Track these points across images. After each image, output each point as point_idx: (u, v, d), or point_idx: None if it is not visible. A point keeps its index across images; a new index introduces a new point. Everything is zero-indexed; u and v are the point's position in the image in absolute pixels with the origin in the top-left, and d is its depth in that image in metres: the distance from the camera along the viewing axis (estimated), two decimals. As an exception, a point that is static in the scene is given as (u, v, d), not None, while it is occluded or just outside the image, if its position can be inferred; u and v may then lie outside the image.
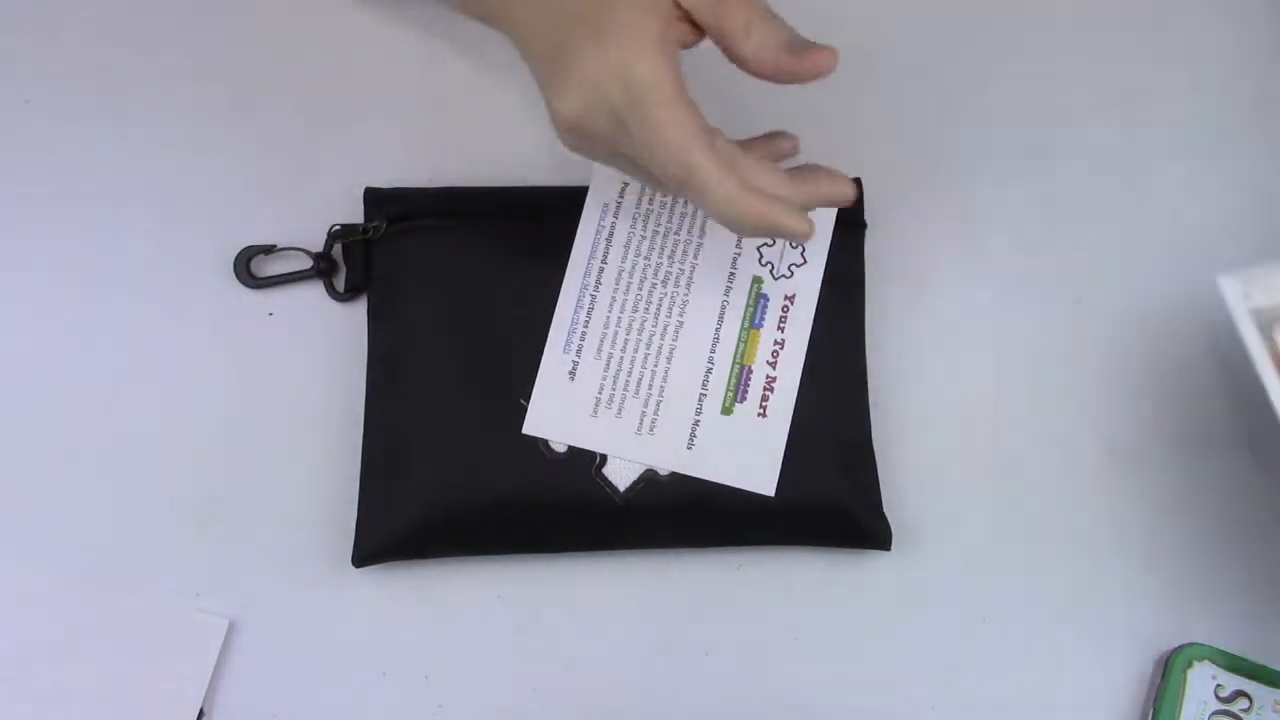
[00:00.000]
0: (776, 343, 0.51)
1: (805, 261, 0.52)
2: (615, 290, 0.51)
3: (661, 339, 0.51)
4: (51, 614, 0.51)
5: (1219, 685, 0.50)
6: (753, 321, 0.51)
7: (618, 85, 0.42)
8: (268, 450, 0.53)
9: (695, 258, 0.52)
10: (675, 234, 0.52)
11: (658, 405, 0.51)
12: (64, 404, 0.54)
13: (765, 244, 0.52)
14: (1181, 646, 0.51)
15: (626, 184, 0.52)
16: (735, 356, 0.51)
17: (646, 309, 0.51)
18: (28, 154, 0.57)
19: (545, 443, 0.50)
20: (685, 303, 0.51)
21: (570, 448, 0.50)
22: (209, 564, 0.52)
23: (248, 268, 0.55)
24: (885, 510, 0.52)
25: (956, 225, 0.57)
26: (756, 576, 0.53)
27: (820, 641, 0.52)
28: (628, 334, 0.51)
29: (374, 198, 0.54)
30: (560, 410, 0.50)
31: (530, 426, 0.50)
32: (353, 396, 0.53)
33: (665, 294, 0.52)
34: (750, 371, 0.51)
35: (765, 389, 0.51)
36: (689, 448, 0.50)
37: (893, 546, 0.52)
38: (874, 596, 0.53)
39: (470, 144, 0.58)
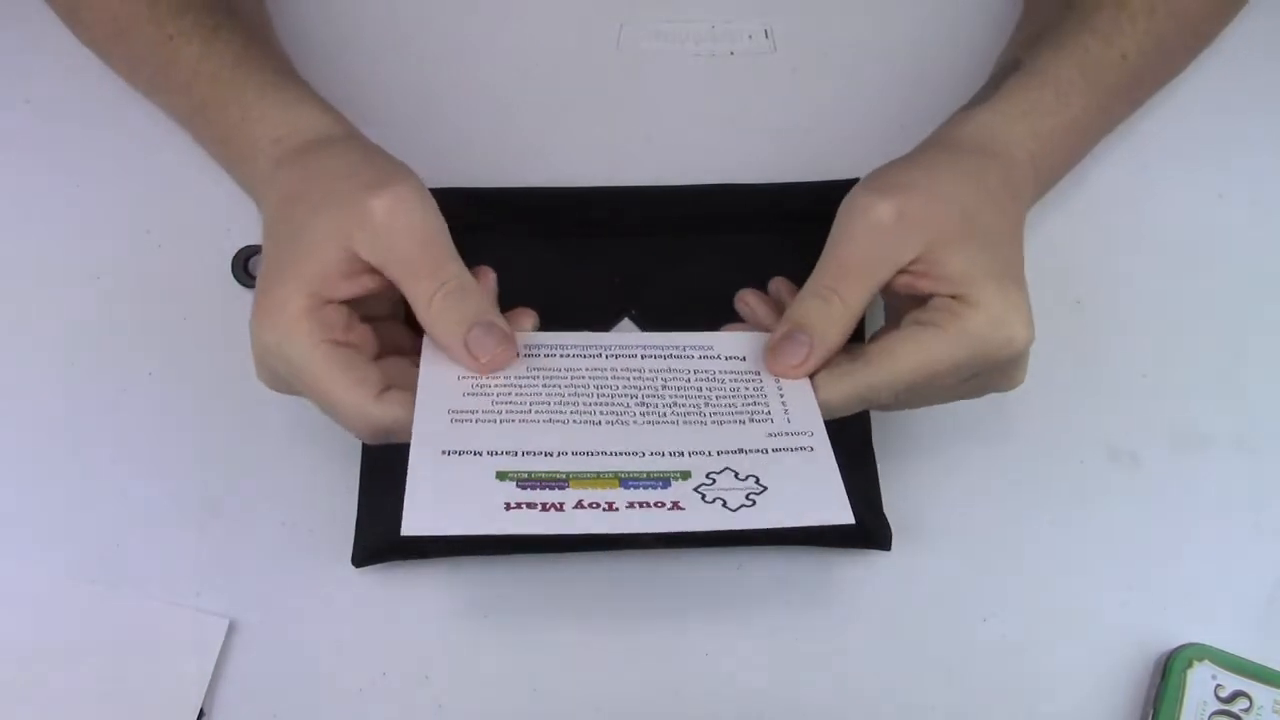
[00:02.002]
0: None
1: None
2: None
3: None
4: (51, 614, 0.51)
5: (1219, 685, 0.50)
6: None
7: (278, 359, 0.44)
8: (268, 450, 0.53)
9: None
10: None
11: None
12: (64, 403, 0.54)
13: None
14: (1181, 646, 0.51)
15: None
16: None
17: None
18: (28, 154, 0.57)
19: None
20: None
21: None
22: (209, 564, 0.52)
23: (245, 267, 0.55)
24: (885, 510, 0.52)
25: (956, 225, 0.57)
26: (756, 576, 0.53)
27: (820, 641, 0.52)
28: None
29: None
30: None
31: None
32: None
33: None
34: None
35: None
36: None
37: (893, 546, 0.52)
38: (874, 596, 0.53)
39: (470, 146, 0.58)
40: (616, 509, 0.41)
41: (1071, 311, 0.56)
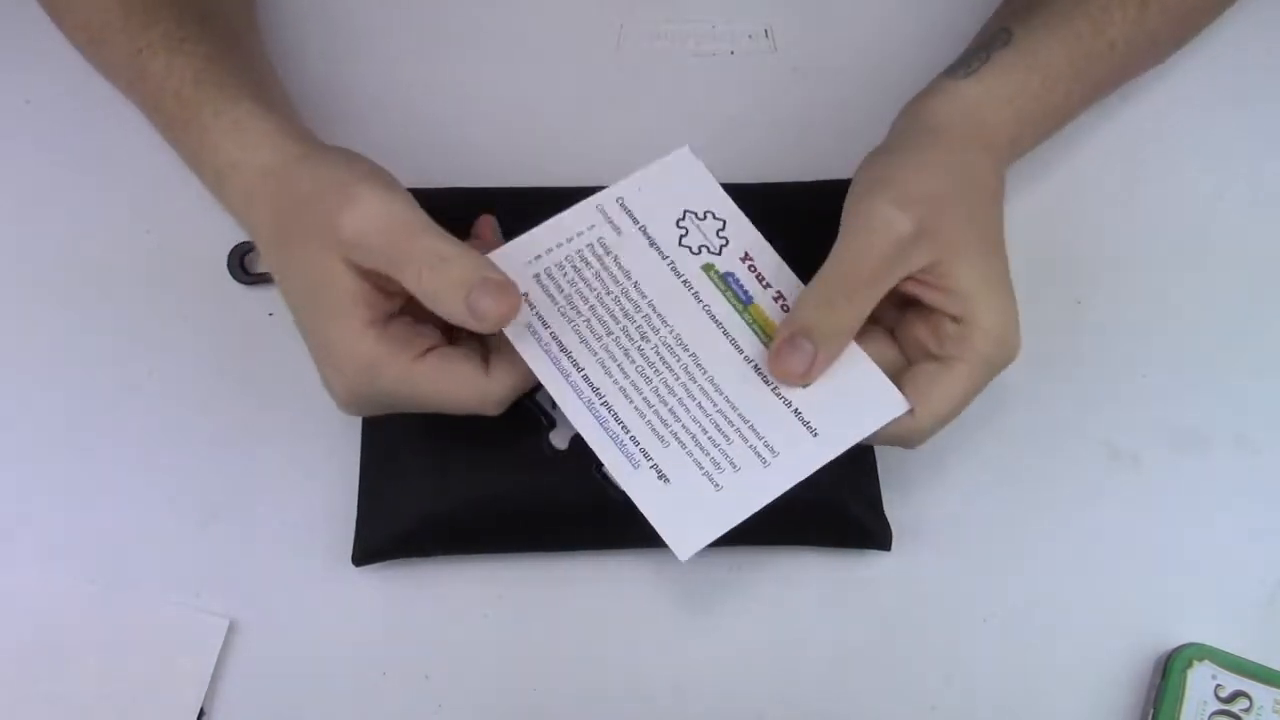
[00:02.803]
0: (775, 299, 0.48)
1: (723, 220, 0.49)
2: (608, 378, 0.46)
3: (689, 380, 0.47)
4: (52, 614, 0.51)
5: (1219, 685, 0.50)
6: (741, 300, 0.49)
7: (384, 401, 0.45)
8: (268, 450, 0.53)
9: (642, 295, 0.48)
10: (607, 295, 0.48)
11: (752, 430, 0.46)
12: (64, 403, 0.54)
13: (682, 234, 0.50)
14: (1181, 646, 0.51)
15: (527, 293, 0.47)
16: (760, 338, 0.48)
17: (653, 370, 0.47)
18: (28, 154, 0.57)
19: (546, 441, 0.50)
20: (678, 338, 0.48)
21: (571, 445, 0.50)
22: (209, 564, 0.52)
23: (241, 263, 0.55)
24: (885, 510, 0.52)
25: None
26: (756, 576, 0.53)
27: (820, 641, 0.52)
28: (658, 401, 0.46)
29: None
30: (690, 515, 0.45)
31: (687, 551, 0.45)
32: (353, 396, 0.53)
33: (653, 344, 0.47)
34: None
35: None
36: (814, 435, 0.46)
37: (893, 546, 0.52)
38: (874, 596, 0.53)
39: (470, 145, 0.58)
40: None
41: (1071, 311, 0.56)
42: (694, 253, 0.49)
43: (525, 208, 0.54)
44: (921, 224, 0.45)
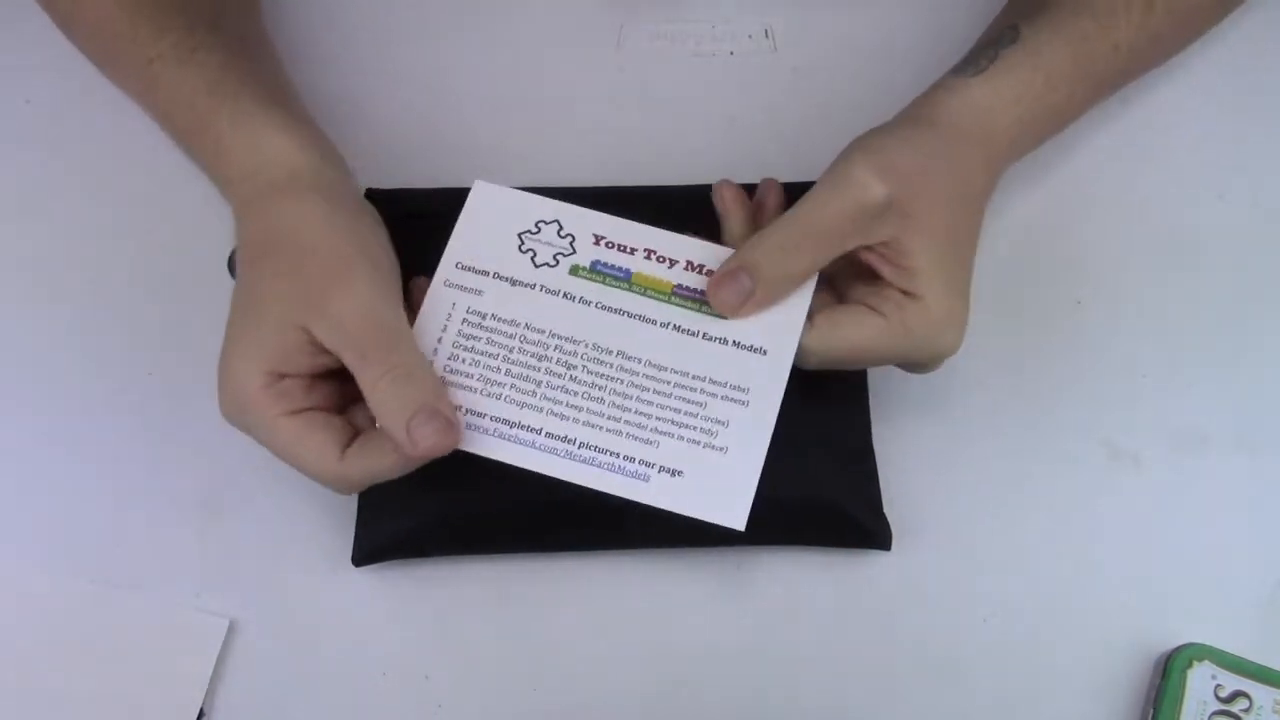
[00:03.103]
0: (647, 257, 0.48)
1: (556, 221, 0.49)
2: (565, 421, 0.46)
3: (632, 375, 0.47)
4: (51, 614, 0.51)
5: (1219, 685, 0.50)
6: (621, 278, 0.48)
7: (243, 427, 0.46)
8: (268, 450, 0.53)
9: (540, 331, 0.47)
10: (511, 353, 0.47)
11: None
12: (64, 403, 0.54)
13: (531, 255, 0.48)
14: (1181, 646, 0.51)
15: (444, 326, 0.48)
16: (659, 299, 0.48)
17: (597, 389, 0.46)
18: (28, 154, 0.57)
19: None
20: (596, 347, 0.47)
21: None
22: (209, 564, 0.52)
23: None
24: (885, 510, 0.52)
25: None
26: (756, 576, 0.53)
27: (820, 641, 0.52)
28: (620, 411, 0.46)
29: (374, 198, 0.53)
30: (720, 487, 0.46)
31: (740, 518, 0.45)
32: (353, 396, 0.53)
33: (581, 367, 0.47)
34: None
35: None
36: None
37: (893, 546, 0.52)
38: (874, 596, 0.53)
39: (469, 146, 0.58)
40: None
41: (1071, 311, 0.56)
42: (553, 265, 0.48)
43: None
44: (894, 197, 0.45)
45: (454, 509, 0.50)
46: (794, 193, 0.55)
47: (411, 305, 0.49)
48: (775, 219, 0.47)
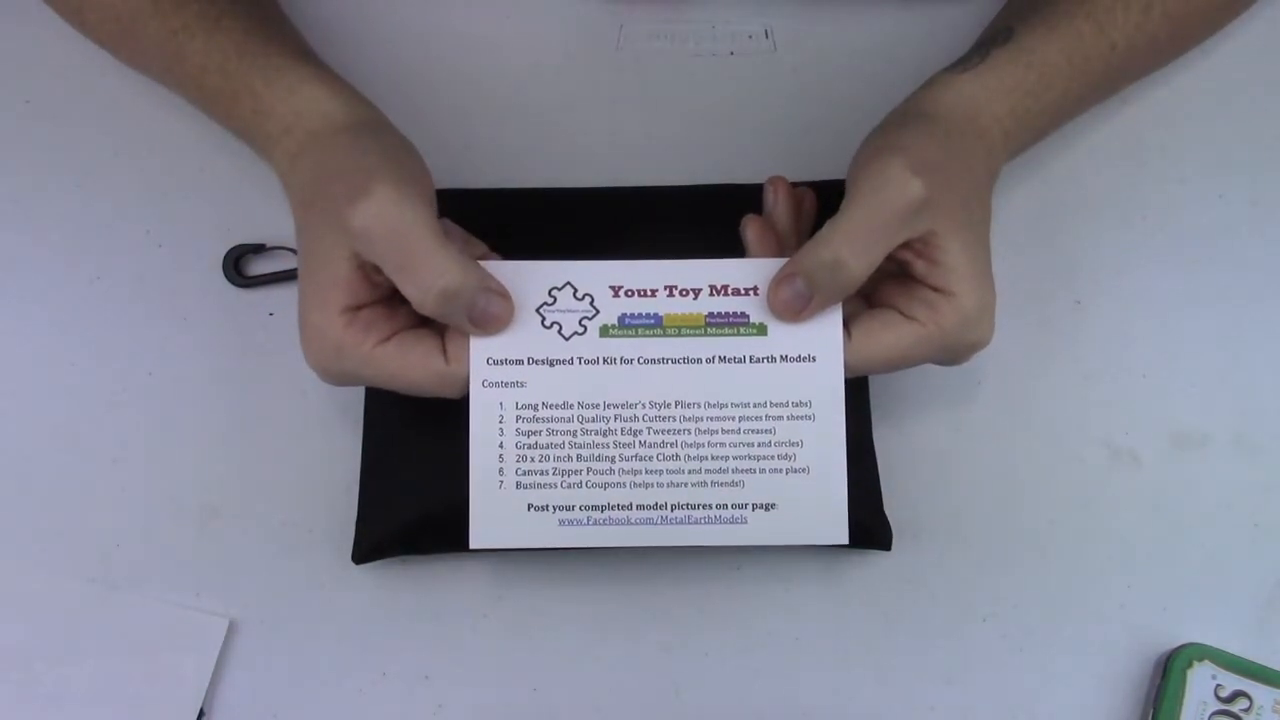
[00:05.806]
0: (670, 294, 0.47)
1: (568, 283, 0.47)
2: (648, 489, 0.46)
3: (695, 422, 0.46)
4: (51, 614, 0.51)
5: (1219, 685, 0.50)
6: (652, 325, 0.47)
7: (341, 376, 0.46)
8: (268, 450, 0.53)
9: (592, 406, 0.47)
10: (574, 438, 0.46)
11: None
12: (64, 403, 0.54)
13: (557, 328, 0.47)
14: (1181, 646, 0.51)
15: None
16: (695, 333, 0.47)
17: (667, 446, 0.46)
18: (28, 154, 0.57)
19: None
20: (652, 404, 0.46)
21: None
22: (209, 564, 0.52)
23: (236, 266, 0.55)
24: (885, 510, 0.52)
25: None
26: (756, 576, 0.53)
27: (820, 642, 0.52)
28: (696, 460, 0.46)
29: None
30: (815, 507, 0.46)
31: (843, 533, 0.46)
32: (352, 395, 0.53)
33: (644, 428, 0.46)
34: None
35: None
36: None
37: (893, 546, 0.52)
38: (874, 596, 0.53)
39: (469, 146, 0.58)
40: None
41: (1071, 311, 0.56)
42: (581, 332, 0.47)
43: (523, 208, 0.55)
44: (930, 192, 0.45)
45: (454, 506, 0.50)
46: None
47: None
48: (824, 222, 0.46)
